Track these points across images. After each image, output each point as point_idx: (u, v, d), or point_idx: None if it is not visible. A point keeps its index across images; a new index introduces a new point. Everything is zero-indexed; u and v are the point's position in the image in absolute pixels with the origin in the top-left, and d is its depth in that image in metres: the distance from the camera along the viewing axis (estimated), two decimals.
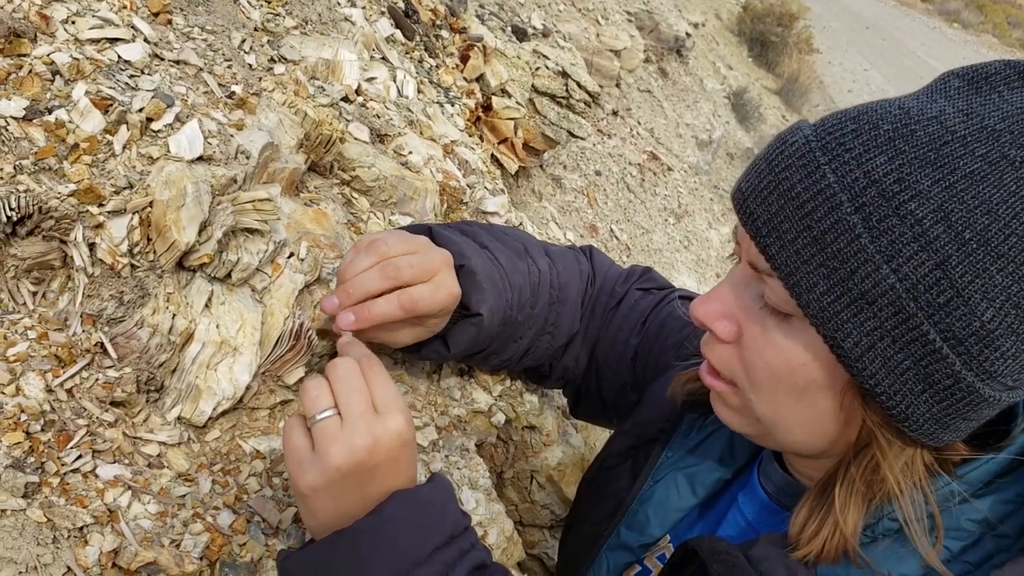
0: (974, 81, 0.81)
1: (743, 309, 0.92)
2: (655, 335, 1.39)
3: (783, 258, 0.81)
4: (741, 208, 0.86)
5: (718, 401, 1.01)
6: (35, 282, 0.99)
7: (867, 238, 0.77)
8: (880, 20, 23.41)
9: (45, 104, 1.03)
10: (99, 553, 0.86)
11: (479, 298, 1.21)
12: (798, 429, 0.93)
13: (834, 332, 0.80)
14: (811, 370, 0.86)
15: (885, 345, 0.79)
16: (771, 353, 0.88)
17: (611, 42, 4.31)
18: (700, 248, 4.77)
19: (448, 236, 1.25)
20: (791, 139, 0.83)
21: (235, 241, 1.10)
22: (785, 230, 0.81)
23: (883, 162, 0.77)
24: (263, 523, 1.02)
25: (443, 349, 1.26)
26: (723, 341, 0.94)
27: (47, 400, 0.92)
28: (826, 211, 0.78)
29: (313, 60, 1.55)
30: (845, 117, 0.82)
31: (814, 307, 0.80)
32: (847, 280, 0.78)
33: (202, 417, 1.05)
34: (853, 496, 0.89)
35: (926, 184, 0.76)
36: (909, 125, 0.78)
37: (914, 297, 0.76)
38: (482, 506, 1.27)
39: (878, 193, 0.77)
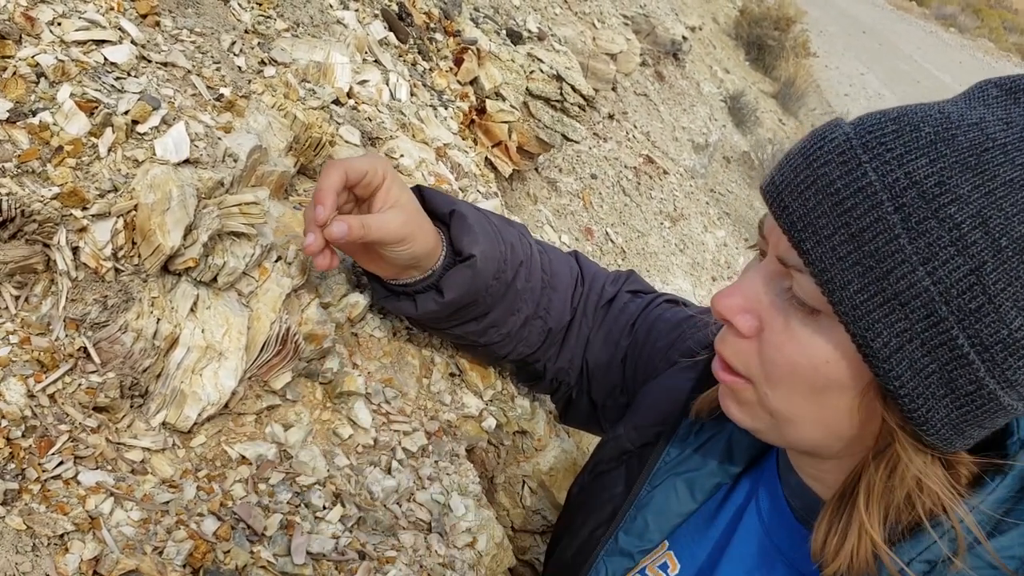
0: (1012, 91, 0.81)
1: (765, 304, 0.91)
2: (645, 337, 1.38)
3: (818, 253, 0.80)
4: (774, 201, 0.85)
5: (728, 397, 1.00)
6: (17, 286, 0.98)
7: (906, 239, 0.76)
8: (877, 24, 23.44)
9: (29, 106, 1.02)
10: (80, 561, 0.85)
11: (470, 239, 1.24)
12: (812, 427, 0.92)
13: (864, 331, 0.79)
14: (833, 368, 0.85)
15: (914, 347, 0.79)
16: (793, 349, 0.88)
17: (607, 46, 4.30)
18: (695, 251, 4.76)
19: (438, 193, 1.29)
20: (830, 135, 0.82)
21: (221, 245, 1.09)
22: (822, 225, 0.80)
23: (924, 164, 0.77)
24: (248, 530, 1.01)
25: (438, 296, 1.26)
26: (742, 336, 0.93)
27: (28, 405, 0.91)
28: (866, 209, 0.78)
29: (304, 63, 1.55)
30: (885, 118, 0.81)
31: (846, 305, 0.80)
32: (882, 280, 0.78)
33: (187, 423, 1.04)
34: (875, 501, 0.88)
35: (966, 189, 0.76)
36: (950, 129, 0.78)
37: (947, 301, 0.76)
38: (472, 512, 1.26)
39: (918, 195, 0.76)
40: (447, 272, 1.26)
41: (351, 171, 1.16)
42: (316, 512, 1.09)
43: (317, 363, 1.24)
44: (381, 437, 1.25)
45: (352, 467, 1.19)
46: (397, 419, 1.29)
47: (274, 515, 1.04)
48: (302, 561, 1.01)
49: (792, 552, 1.07)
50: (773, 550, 1.08)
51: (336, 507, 1.11)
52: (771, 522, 1.10)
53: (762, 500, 1.12)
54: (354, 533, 1.10)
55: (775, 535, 1.09)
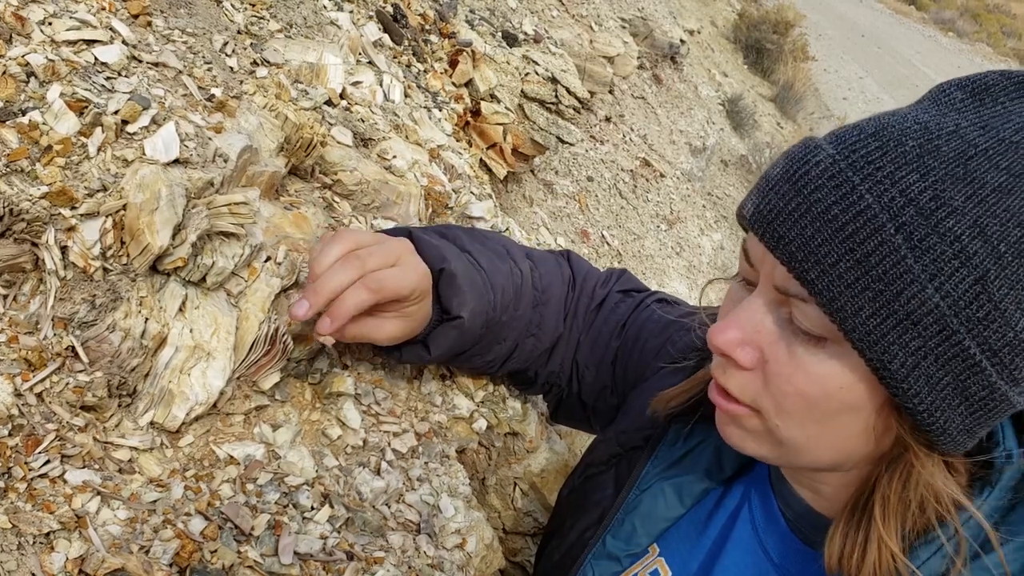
0: (975, 93, 0.82)
1: (764, 335, 0.89)
2: (635, 338, 1.38)
3: (825, 283, 0.79)
4: (767, 232, 0.83)
5: (729, 424, 0.98)
6: (6, 285, 0.98)
7: (912, 258, 0.76)
8: (875, 28, 23.47)
9: (19, 105, 1.02)
10: (65, 560, 0.85)
11: (459, 301, 1.21)
12: (826, 451, 0.91)
13: (881, 355, 0.79)
14: (848, 393, 0.84)
15: (928, 363, 0.79)
16: (802, 379, 0.86)
17: (604, 48, 4.30)
18: (692, 254, 4.76)
19: (428, 241, 1.24)
20: (813, 158, 0.81)
21: (210, 245, 1.09)
22: (824, 254, 0.79)
23: (916, 180, 0.77)
24: (235, 530, 1.01)
25: (424, 352, 1.26)
26: (743, 368, 0.91)
27: (15, 404, 0.91)
28: (869, 233, 0.77)
29: (297, 63, 1.55)
30: (863, 134, 0.81)
31: (860, 331, 0.79)
32: (893, 302, 0.77)
33: (175, 422, 1.04)
34: (891, 512, 0.88)
35: (960, 200, 0.76)
36: (932, 140, 0.78)
37: (956, 313, 0.76)
38: (461, 513, 1.26)
39: (916, 212, 0.76)
40: (433, 330, 1.25)
41: (385, 288, 1.15)
42: (304, 512, 1.09)
43: (306, 363, 1.24)
44: (370, 438, 1.25)
45: (341, 468, 1.19)
46: (387, 420, 1.30)
47: (262, 515, 1.04)
48: (289, 561, 1.01)
49: (785, 562, 1.07)
50: (766, 560, 1.08)
51: (324, 508, 1.11)
52: (764, 531, 1.10)
53: (755, 509, 1.12)
54: (342, 534, 1.10)
55: (768, 545, 1.08)
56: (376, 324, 1.19)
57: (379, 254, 1.14)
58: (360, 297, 1.12)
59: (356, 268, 1.12)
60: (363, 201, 1.47)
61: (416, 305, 1.20)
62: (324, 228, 1.36)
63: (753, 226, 0.85)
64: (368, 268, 1.12)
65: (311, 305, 1.10)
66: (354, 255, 1.12)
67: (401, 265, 1.16)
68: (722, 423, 1.00)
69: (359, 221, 1.44)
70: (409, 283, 1.16)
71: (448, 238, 1.30)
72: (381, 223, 1.48)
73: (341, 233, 1.16)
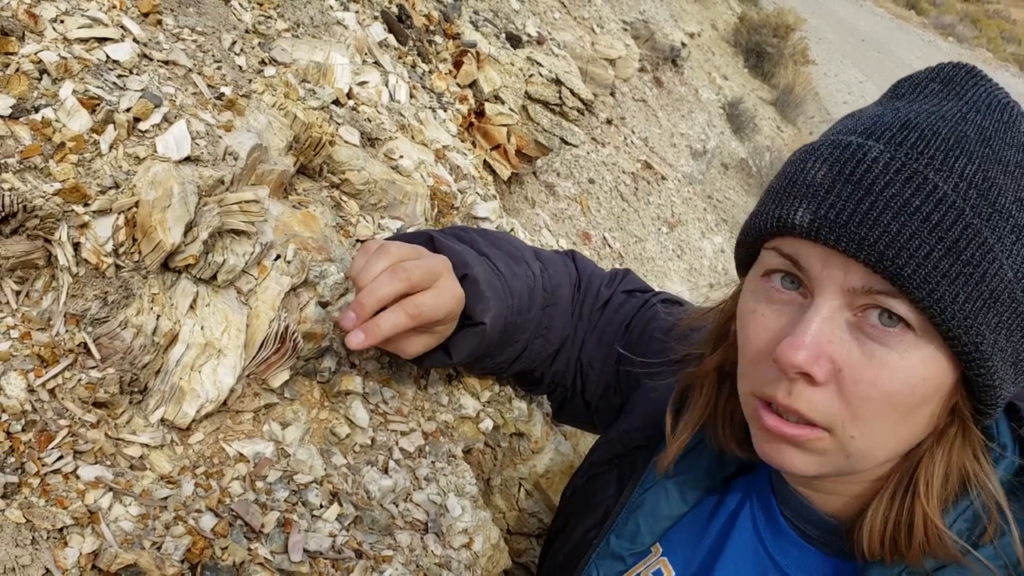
0: (946, 83, 0.87)
1: (837, 344, 0.85)
2: (638, 339, 1.38)
3: (921, 276, 0.78)
4: (841, 236, 0.80)
5: (790, 451, 0.92)
6: (18, 281, 0.98)
7: (992, 238, 0.79)
8: (876, 33, 23.50)
9: (32, 103, 1.02)
10: (79, 555, 0.85)
11: (482, 307, 1.22)
12: (890, 449, 0.89)
13: (974, 337, 0.80)
14: (929, 383, 0.84)
15: (1003, 339, 0.82)
16: (887, 378, 0.83)
17: (606, 51, 4.31)
18: (693, 257, 4.77)
19: (449, 245, 1.25)
20: (868, 155, 0.81)
21: (221, 243, 1.09)
22: (916, 247, 0.78)
23: (966, 163, 0.80)
24: (245, 527, 1.01)
25: (445, 357, 1.27)
26: (816, 383, 0.86)
27: (29, 400, 0.92)
28: (953, 219, 0.78)
29: (304, 63, 1.55)
30: (894, 127, 0.83)
31: (958, 318, 0.79)
32: (981, 283, 0.79)
33: (185, 419, 1.04)
34: (934, 487, 0.89)
35: (1001, 178, 0.80)
36: (957, 127, 0.82)
37: (1022, 286, 0.81)
38: (468, 513, 1.27)
39: (977, 194, 0.79)
40: (455, 334, 1.26)
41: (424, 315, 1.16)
42: (313, 511, 1.09)
43: (315, 362, 1.25)
44: (378, 437, 1.26)
45: (349, 466, 1.19)
46: (394, 419, 1.30)
47: (271, 513, 1.04)
48: (299, 559, 1.02)
49: (784, 560, 1.07)
50: (767, 558, 1.08)
51: (333, 506, 1.11)
52: (764, 529, 1.10)
53: (755, 507, 1.13)
54: (351, 532, 1.11)
55: (769, 543, 1.09)
56: (407, 341, 1.20)
57: (423, 269, 1.15)
58: (398, 320, 1.13)
59: (403, 280, 1.12)
60: (370, 201, 1.47)
61: (447, 326, 1.22)
62: (332, 227, 1.37)
63: (819, 234, 0.82)
64: (413, 280, 1.13)
65: (357, 316, 1.11)
66: (400, 267, 1.13)
67: (438, 288, 1.16)
68: (777, 451, 0.93)
69: (366, 221, 1.44)
70: (446, 308, 1.17)
71: (466, 242, 1.31)
72: (388, 223, 1.48)
73: (385, 245, 1.16)
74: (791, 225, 0.84)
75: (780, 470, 0.97)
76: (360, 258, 1.17)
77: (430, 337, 1.22)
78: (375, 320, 1.12)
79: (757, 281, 0.93)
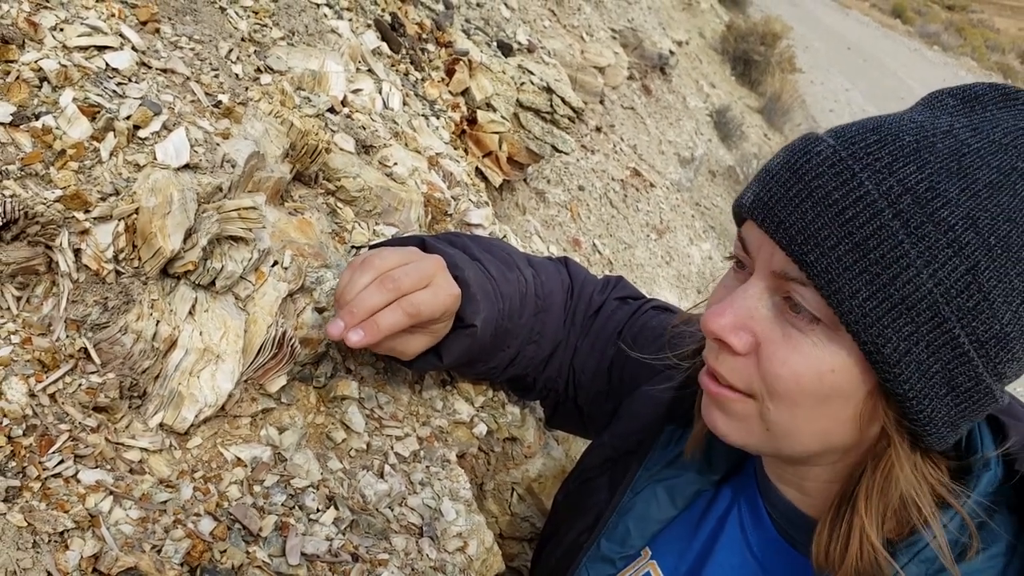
0: (966, 100, 0.86)
1: (760, 320, 0.91)
2: (631, 345, 1.40)
3: (823, 265, 0.81)
4: (767, 218, 0.86)
5: (716, 411, 0.99)
6: (19, 287, 0.99)
7: (908, 244, 0.79)
8: (862, 41, 23.64)
9: (32, 110, 1.03)
10: (80, 558, 0.86)
11: (473, 309, 1.22)
12: (811, 438, 0.92)
13: (875, 338, 0.81)
14: (839, 376, 0.86)
15: (919, 349, 0.81)
16: (797, 360, 0.87)
17: (595, 59, 4.33)
18: (681, 264, 4.79)
19: (441, 248, 1.26)
20: (814, 149, 0.84)
21: (219, 249, 1.10)
22: (824, 237, 0.81)
23: (913, 171, 0.80)
24: (244, 530, 1.02)
25: (436, 360, 1.27)
26: (737, 353, 0.93)
27: (29, 404, 0.92)
28: (868, 217, 0.80)
29: (299, 71, 1.56)
30: (864, 130, 0.84)
31: (856, 314, 0.81)
32: (889, 285, 0.80)
33: (184, 424, 1.05)
34: (873, 504, 0.90)
35: (954, 193, 0.79)
36: (928, 137, 0.81)
37: (948, 301, 0.79)
38: (463, 517, 1.28)
39: (913, 200, 0.79)
40: (446, 337, 1.26)
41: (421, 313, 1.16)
42: (310, 514, 1.10)
43: (311, 367, 1.26)
44: (374, 442, 1.27)
45: (345, 471, 1.20)
46: (389, 424, 1.31)
47: (269, 516, 1.05)
48: (297, 562, 1.03)
49: (771, 563, 1.08)
50: (753, 561, 1.10)
51: (329, 510, 1.12)
52: (752, 533, 1.11)
53: (743, 510, 1.14)
54: (347, 536, 1.12)
55: (756, 546, 1.10)
56: (405, 341, 1.20)
57: (414, 275, 1.15)
58: (396, 319, 1.13)
59: (391, 291, 1.13)
60: (365, 207, 1.48)
61: (444, 323, 1.22)
62: (328, 234, 1.38)
63: (753, 213, 0.88)
64: (403, 291, 1.13)
65: (346, 325, 1.11)
66: (388, 277, 1.13)
67: (434, 287, 1.17)
68: (708, 409, 1.01)
69: (362, 227, 1.45)
70: (442, 305, 1.17)
71: (458, 247, 1.32)
72: (383, 229, 1.49)
73: (369, 259, 1.16)
74: (739, 204, 0.91)
75: (714, 433, 1.01)
76: (346, 274, 1.17)
77: (427, 336, 1.22)
78: (374, 319, 1.12)
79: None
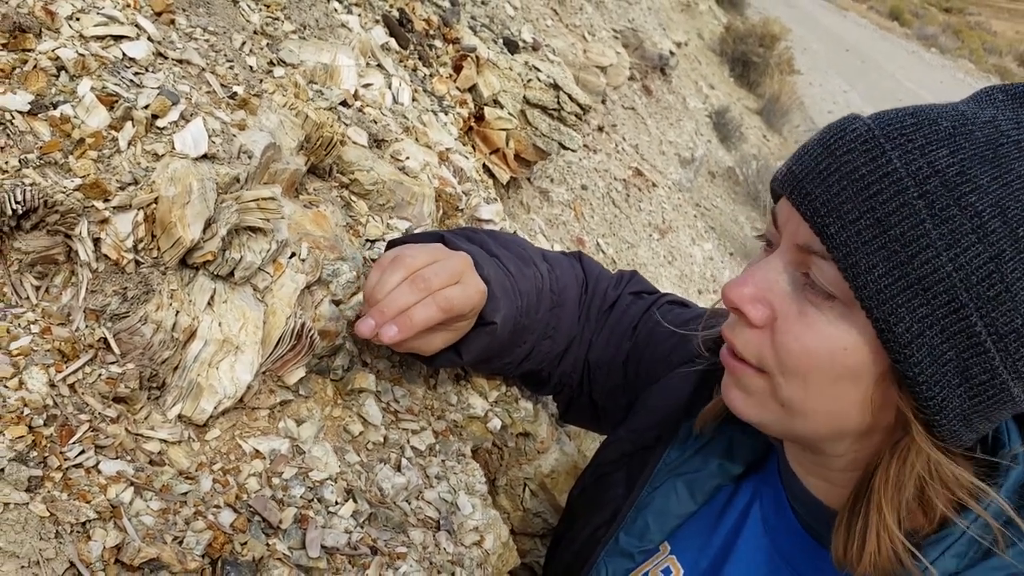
0: (1016, 96, 0.85)
1: (778, 293, 0.91)
2: (646, 340, 1.39)
3: (843, 238, 0.82)
4: (795, 190, 0.86)
5: (733, 387, 1.00)
6: (38, 276, 0.98)
7: (931, 224, 0.78)
8: (860, 43, 23.69)
9: (50, 99, 1.02)
10: (102, 548, 0.85)
11: (493, 307, 1.22)
12: (823, 418, 0.92)
13: (887, 316, 0.81)
14: (851, 355, 0.86)
15: (933, 333, 0.80)
16: (811, 337, 0.88)
17: (597, 58, 4.33)
18: (683, 263, 4.79)
19: (460, 245, 1.25)
20: (850, 127, 0.84)
21: (238, 240, 1.10)
22: (846, 211, 0.82)
23: (945, 154, 0.79)
24: (263, 523, 1.01)
25: (456, 357, 1.27)
26: (753, 325, 0.93)
27: (50, 395, 0.92)
28: (892, 194, 0.80)
29: (311, 64, 1.56)
30: (903, 112, 0.84)
31: (871, 289, 0.81)
32: (906, 264, 0.79)
33: (203, 415, 1.04)
34: (889, 497, 0.89)
35: (985, 180, 0.78)
36: (966, 125, 0.81)
37: (967, 287, 0.78)
38: (479, 511, 1.27)
39: (941, 183, 0.79)
40: (466, 335, 1.26)
41: (455, 308, 1.17)
42: (329, 507, 1.09)
43: (328, 360, 1.25)
44: (390, 435, 1.26)
45: (363, 464, 1.19)
46: (405, 417, 1.30)
47: (288, 509, 1.04)
48: (317, 555, 1.02)
49: (797, 558, 1.07)
50: (778, 557, 1.09)
51: (348, 503, 1.11)
52: (775, 528, 1.11)
53: (766, 505, 1.13)
54: (365, 529, 1.11)
55: (779, 541, 1.09)
56: (427, 339, 1.21)
57: (443, 273, 1.15)
58: (430, 314, 1.14)
59: (422, 290, 1.13)
60: (379, 201, 1.48)
61: (468, 320, 1.22)
62: (342, 227, 1.37)
63: (784, 186, 0.88)
64: (433, 289, 1.14)
65: (376, 323, 1.12)
66: (419, 276, 1.14)
67: (463, 284, 1.17)
68: (727, 387, 1.01)
69: (375, 221, 1.45)
70: (471, 302, 1.18)
71: (476, 243, 1.31)
72: (397, 223, 1.49)
73: (399, 257, 1.16)
74: (774, 179, 0.92)
75: (733, 411, 1.02)
76: (374, 273, 1.17)
77: (450, 333, 1.22)
78: (407, 314, 1.12)
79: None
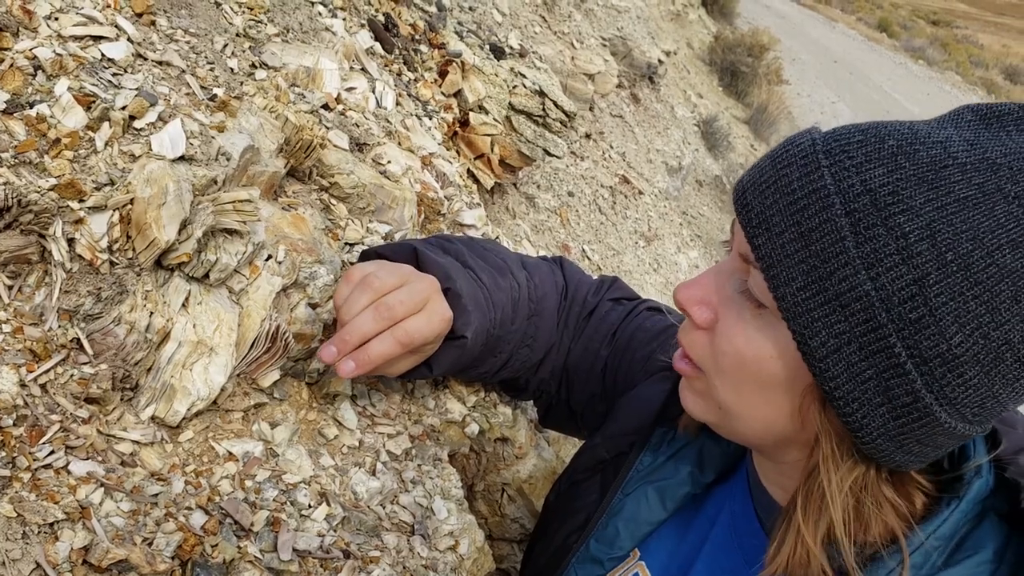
0: (986, 117, 0.83)
1: (722, 297, 0.94)
2: (624, 347, 1.40)
3: (767, 249, 0.83)
4: (738, 199, 0.88)
5: (685, 387, 1.04)
6: (11, 276, 0.98)
7: (851, 242, 0.78)
8: (848, 54, 23.81)
9: (26, 98, 1.02)
10: (70, 549, 0.85)
11: (464, 321, 1.22)
12: (754, 422, 0.95)
13: (803, 328, 0.82)
14: (776, 365, 0.88)
15: (851, 350, 0.80)
16: (741, 341, 0.90)
17: (585, 66, 4.33)
18: (669, 271, 4.80)
19: (433, 258, 1.25)
20: (798, 141, 0.86)
21: (214, 241, 1.09)
22: (774, 223, 0.83)
23: (881, 174, 0.79)
24: (235, 525, 1.01)
25: (425, 370, 1.27)
26: (698, 327, 0.96)
27: (20, 394, 0.91)
28: (817, 209, 0.80)
29: (294, 67, 1.55)
30: (855, 128, 0.84)
31: (788, 300, 0.82)
32: (825, 279, 0.80)
33: (176, 417, 1.04)
34: (811, 508, 0.90)
35: (919, 201, 0.77)
36: (913, 144, 0.80)
37: (887, 308, 0.78)
38: (454, 516, 1.27)
39: (871, 202, 0.78)
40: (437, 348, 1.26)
41: (414, 341, 1.17)
42: (302, 510, 1.09)
43: (304, 363, 1.25)
44: (366, 439, 1.26)
45: (337, 467, 1.19)
46: (382, 422, 1.30)
47: (261, 511, 1.04)
48: (288, 558, 1.02)
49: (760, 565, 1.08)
50: (743, 563, 1.09)
51: (322, 506, 1.11)
52: (742, 534, 1.11)
53: (735, 512, 1.14)
54: (339, 532, 1.11)
55: (746, 548, 1.10)
56: (393, 364, 1.21)
57: (408, 301, 1.16)
58: (388, 348, 1.15)
59: (385, 320, 1.14)
60: (359, 204, 1.48)
61: (434, 344, 1.23)
62: (321, 230, 1.37)
63: (733, 195, 0.90)
64: (397, 318, 1.15)
65: (338, 351, 1.13)
66: (383, 304, 1.14)
67: (428, 312, 1.18)
68: (681, 387, 1.05)
69: (355, 224, 1.45)
70: (435, 332, 1.19)
71: (451, 253, 1.31)
72: (377, 227, 1.49)
73: (368, 278, 1.16)
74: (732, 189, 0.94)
75: (685, 409, 1.05)
76: (343, 288, 1.17)
77: (416, 356, 1.23)
78: (365, 348, 1.14)
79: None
